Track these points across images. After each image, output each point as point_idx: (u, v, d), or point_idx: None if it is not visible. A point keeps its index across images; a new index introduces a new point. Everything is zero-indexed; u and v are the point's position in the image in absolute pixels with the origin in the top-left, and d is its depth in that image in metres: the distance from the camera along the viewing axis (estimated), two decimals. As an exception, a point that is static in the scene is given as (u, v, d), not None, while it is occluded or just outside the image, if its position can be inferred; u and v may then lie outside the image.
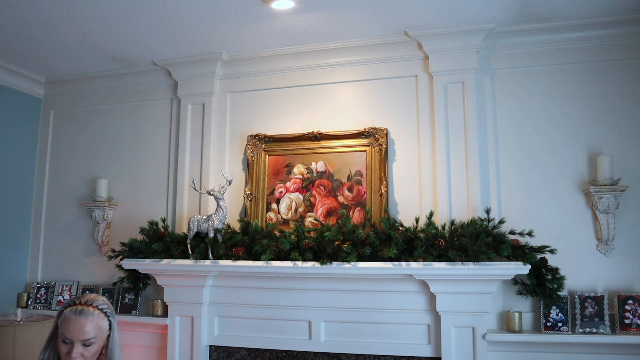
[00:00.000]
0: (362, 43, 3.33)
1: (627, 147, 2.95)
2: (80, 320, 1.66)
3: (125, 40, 3.35)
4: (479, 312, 2.81)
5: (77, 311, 1.67)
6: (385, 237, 2.91)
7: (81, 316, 1.67)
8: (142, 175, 3.80)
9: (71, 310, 1.68)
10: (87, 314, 1.68)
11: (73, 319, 1.66)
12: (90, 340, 1.66)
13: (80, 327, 1.65)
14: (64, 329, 1.66)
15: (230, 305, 3.23)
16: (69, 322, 1.66)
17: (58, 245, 3.94)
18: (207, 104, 3.61)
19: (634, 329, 2.72)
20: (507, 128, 3.13)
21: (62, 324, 1.67)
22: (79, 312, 1.67)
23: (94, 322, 1.68)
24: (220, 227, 3.15)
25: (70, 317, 1.66)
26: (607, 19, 2.97)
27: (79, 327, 1.65)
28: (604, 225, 2.86)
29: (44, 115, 4.15)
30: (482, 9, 2.91)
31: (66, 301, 1.73)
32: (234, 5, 2.88)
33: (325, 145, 3.34)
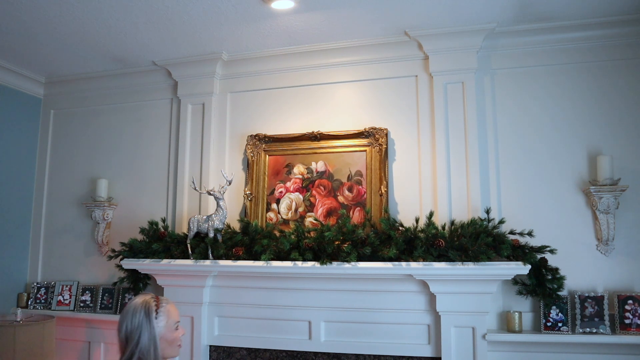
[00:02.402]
0: (362, 43, 3.33)
1: (627, 147, 2.95)
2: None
3: (125, 40, 3.35)
4: (479, 312, 2.81)
5: (167, 300, 1.89)
6: (385, 237, 2.91)
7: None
8: (142, 175, 3.80)
9: (165, 301, 1.87)
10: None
11: (172, 305, 1.90)
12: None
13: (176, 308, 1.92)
14: (173, 316, 1.86)
15: (230, 305, 3.23)
16: (172, 310, 1.87)
17: (58, 245, 3.94)
18: (207, 104, 3.61)
19: (634, 329, 2.72)
20: (507, 128, 3.14)
21: (170, 314, 1.84)
22: (168, 300, 1.91)
23: None
24: (220, 227, 3.15)
25: (171, 305, 1.88)
26: (607, 19, 2.97)
27: (175, 308, 1.91)
28: (604, 225, 2.86)
29: (44, 115, 4.15)
30: (482, 9, 2.91)
31: (145, 302, 1.82)
32: (234, 5, 2.88)
33: (325, 145, 3.34)
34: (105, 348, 3.59)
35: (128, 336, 1.75)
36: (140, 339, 1.74)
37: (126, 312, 1.79)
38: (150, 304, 1.81)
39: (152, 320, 1.78)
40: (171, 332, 1.83)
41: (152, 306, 1.80)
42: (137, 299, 1.83)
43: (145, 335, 1.75)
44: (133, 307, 1.79)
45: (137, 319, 1.76)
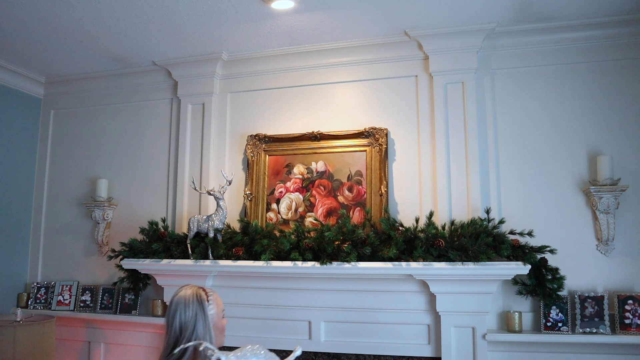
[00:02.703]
0: (362, 43, 3.33)
1: (627, 147, 2.95)
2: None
3: (125, 40, 3.35)
4: (479, 312, 2.81)
5: (212, 290, 1.94)
6: (385, 237, 2.91)
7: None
8: (142, 175, 3.80)
9: (211, 291, 1.91)
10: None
11: (217, 294, 1.97)
12: None
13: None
14: (221, 305, 1.94)
15: (230, 305, 3.22)
16: (219, 299, 1.95)
17: (58, 245, 3.94)
18: (207, 104, 3.61)
19: (634, 329, 2.72)
20: (507, 128, 3.13)
21: (218, 302, 1.90)
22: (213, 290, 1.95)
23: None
24: (220, 227, 3.15)
25: (217, 295, 1.96)
26: (607, 19, 2.97)
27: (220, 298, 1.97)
28: (604, 225, 2.86)
29: (44, 115, 4.15)
30: (482, 9, 2.91)
31: (196, 292, 1.84)
32: (234, 5, 2.88)
33: (325, 145, 3.33)
34: (105, 348, 3.58)
35: (182, 327, 1.75)
36: (196, 328, 1.76)
37: (177, 303, 1.79)
38: (201, 294, 1.83)
39: (206, 309, 1.81)
40: (220, 320, 1.90)
41: (204, 296, 1.83)
42: (185, 290, 1.84)
43: (200, 325, 1.77)
44: (184, 299, 1.80)
45: (192, 310, 1.78)
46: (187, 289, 1.85)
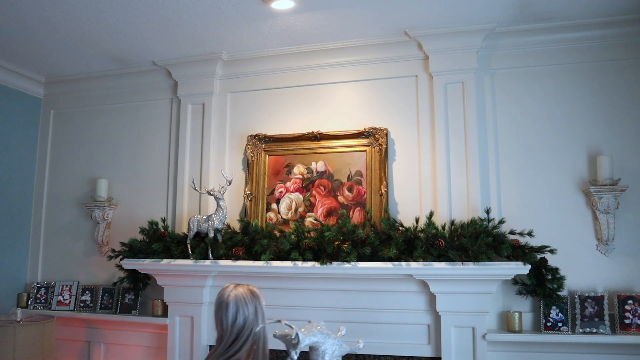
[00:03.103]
0: (362, 43, 3.33)
1: (627, 147, 2.95)
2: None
3: (125, 40, 3.35)
4: (479, 312, 2.81)
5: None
6: (385, 237, 2.91)
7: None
8: (142, 175, 3.80)
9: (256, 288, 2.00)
10: None
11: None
12: None
13: None
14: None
15: (230, 305, 3.22)
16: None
17: (58, 245, 3.94)
18: (207, 104, 3.61)
19: (634, 329, 2.72)
20: (507, 128, 3.13)
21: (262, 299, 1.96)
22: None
23: None
24: (220, 227, 3.15)
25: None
26: (607, 19, 2.97)
27: None
28: (604, 225, 2.86)
29: (44, 115, 4.15)
30: (482, 9, 2.91)
31: (251, 290, 1.94)
32: (234, 5, 2.88)
33: (325, 145, 3.33)
34: (105, 348, 3.59)
35: (246, 321, 1.85)
36: (257, 321, 1.88)
37: (237, 302, 1.87)
38: (255, 290, 1.95)
39: (262, 303, 1.95)
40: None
41: (257, 292, 1.95)
42: (239, 288, 1.92)
43: (259, 317, 1.90)
44: (243, 296, 1.89)
45: (252, 305, 1.89)
46: (237, 288, 1.93)
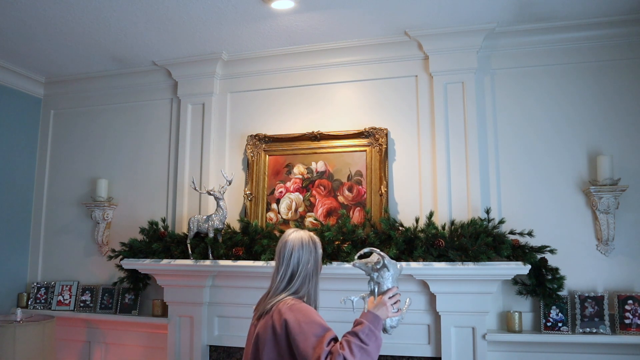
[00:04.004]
0: (362, 43, 3.33)
1: (627, 147, 2.95)
2: None
3: (125, 40, 3.35)
4: (479, 312, 2.81)
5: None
6: (385, 237, 2.91)
7: None
8: (142, 175, 3.80)
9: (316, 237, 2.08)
10: None
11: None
12: None
13: None
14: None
15: (230, 305, 3.23)
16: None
17: (58, 245, 3.94)
18: (207, 104, 3.61)
19: (634, 329, 2.72)
20: (507, 128, 3.14)
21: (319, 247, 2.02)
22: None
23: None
24: (220, 227, 3.15)
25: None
26: (607, 19, 2.97)
27: None
28: (604, 225, 2.86)
29: (44, 115, 4.15)
30: (482, 9, 2.91)
31: (311, 236, 2.00)
32: (234, 5, 2.88)
33: (325, 145, 3.34)
34: (106, 348, 3.59)
35: (300, 263, 1.92)
36: (310, 265, 1.94)
37: (295, 243, 1.94)
38: (315, 238, 2.01)
39: (319, 251, 2.00)
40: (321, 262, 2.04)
41: (317, 240, 2.01)
42: (300, 232, 1.99)
43: (312, 262, 1.95)
44: (301, 240, 1.96)
45: (308, 249, 1.95)
46: (299, 232, 1.99)
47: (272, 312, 1.83)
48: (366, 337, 1.72)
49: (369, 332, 1.74)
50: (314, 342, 1.68)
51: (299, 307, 1.80)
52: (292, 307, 1.80)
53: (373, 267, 1.95)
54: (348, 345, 1.68)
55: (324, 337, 1.70)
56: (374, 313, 1.83)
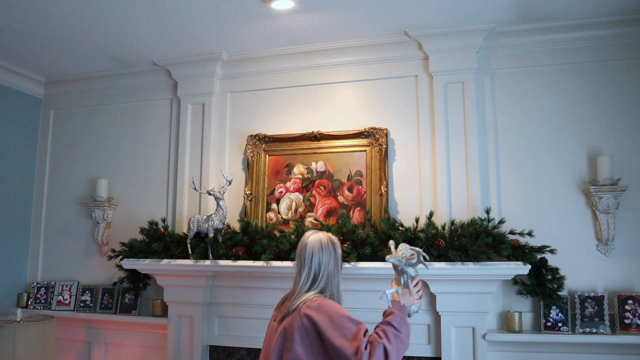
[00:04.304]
0: (362, 43, 3.33)
1: (627, 147, 2.95)
2: None
3: (125, 40, 3.35)
4: (479, 312, 2.81)
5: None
6: (385, 237, 2.91)
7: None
8: (142, 175, 3.80)
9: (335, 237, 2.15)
10: None
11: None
12: None
13: None
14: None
15: (230, 305, 3.23)
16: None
17: (58, 245, 3.94)
18: (207, 104, 3.61)
19: (634, 329, 2.72)
20: (507, 128, 3.14)
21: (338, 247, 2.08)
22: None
23: None
24: (220, 227, 3.15)
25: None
26: (607, 19, 2.97)
27: None
28: (604, 225, 2.86)
29: (44, 115, 4.15)
30: (482, 9, 2.91)
31: (330, 238, 2.07)
32: (234, 5, 2.88)
33: (325, 145, 3.34)
34: (105, 348, 3.59)
35: (321, 265, 1.99)
36: (330, 266, 2.00)
37: (314, 245, 2.01)
38: (334, 239, 2.08)
39: (338, 251, 2.06)
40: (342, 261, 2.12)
41: (337, 241, 2.08)
42: (319, 234, 2.06)
43: (332, 264, 2.01)
44: (320, 241, 2.02)
45: (328, 250, 2.01)
46: (318, 233, 2.06)
47: (299, 310, 1.89)
48: (399, 325, 1.85)
49: (401, 321, 1.87)
50: (349, 335, 1.77)
51: (326, 304, 1.88)
52: (320, 305, 1.86)
53: (408, 262, 2.04)
54: (384, 334, 1.81)
55: (358, 330, 1.79)
56: (401, 303, 1.96)
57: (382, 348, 1.76)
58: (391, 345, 1.77)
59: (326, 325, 1.81)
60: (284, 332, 1.89)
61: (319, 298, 1.91)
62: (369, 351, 1.74)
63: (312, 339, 1.84)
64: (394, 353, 1.77)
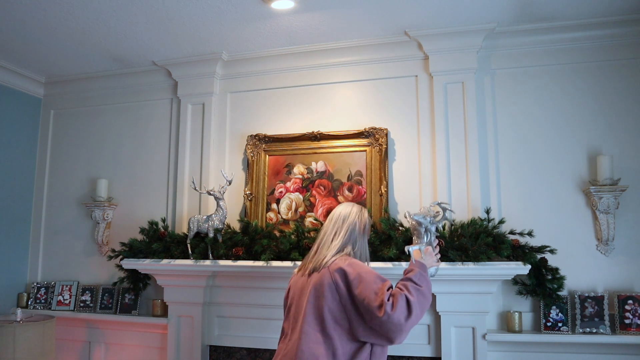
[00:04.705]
0: (362, 43, 3.33)
1: (627, 147, 2.95)
2: None
3: (125, 40, 3.35)
4: (479, 312, 2.81)
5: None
6: (385, 237, 2.91)
7: None
8: (142, 175, 3.80)
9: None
10: None
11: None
12: None
13: None
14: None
15: (230, 305, 3.23)
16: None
17: (58, 245, 3.94)
18: (207, 104, 3.61)
19: (634, 329, 2.72)
20: (507, 128, 3.14)
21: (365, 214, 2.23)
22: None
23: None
24: (220, 227, 3.15)
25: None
26: (607, 19, 2.97)
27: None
28: (604, 225, 2.86)
29: (44, 115, 4.15)
30: (482, 9, 2.91)
31: (362, 210, 2.21)
32: (234, 5, 2.88)
33: (325, 145, 3.34)
34: (106, 348, 3.59)
35: (345, 223, 2.13)
36: (357, 235, 2.14)
37: (342, 209, 2.18)
38: (364, 210, 2.22)
39: (366, 215, 2.21)
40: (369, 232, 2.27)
41: (366, 213, 2.23)
42: (349, 203, 2.23)
43: (359, 226, 2.15)
44: (351, 208, 2.18)
45: (359, 219, 2.16)
46: (350, 204, 2.22)
47: (329, 267, 1.98)
48: (419, 280, 1.96)
49: (420, 277, 1.98)
50: (375, 288, 1.87)
51: (356, 262, 2.01)
52: (351, 262, 1.98)
53: (432, 220, 2.14)
54: (405, 287, 1.92)
55: (384, 284, 1.90)
56: (420, 262, 2.07)
57: (405, 299, 1.85)
58: (413, 297, 1.86)
59: (355, 279, 1.91)
60: (314, 290, 1.97)
61: (348, 258, 2.02)
62: (392, 302, 1.83)
63: (342, 294, 1.92)
64: (417, 305, 1.86)
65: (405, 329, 1.83)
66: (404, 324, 1.82)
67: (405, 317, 1.82)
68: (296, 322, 1.99)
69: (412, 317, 1.83)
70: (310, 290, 1.97)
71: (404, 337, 1.87)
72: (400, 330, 1.83)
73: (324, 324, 1.90)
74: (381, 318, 1.81)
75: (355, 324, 1.90)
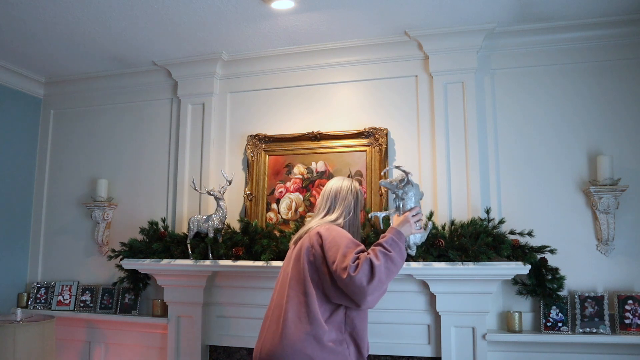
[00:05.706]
0: (362, 43, 3.33)
1: (627, 147, 2.95)
2: None
3: (125, 40, 3.35)
4: (479, 312, 2.81)
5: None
6: (385, 236, 2.91)
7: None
8: (142, 175, 3.80)
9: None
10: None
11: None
12: None
13: None
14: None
15: (230, 305, 3.23)
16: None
17: (58, 245, 3.94)
18: (207, 104, 3.61)
19: (634, 329, 2.72)
20: (507, 128, 3.14)
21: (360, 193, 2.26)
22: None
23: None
24: (220, 227, 3.15)
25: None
26: (607, 19, 2.97)
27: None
28: (604, 225, 2.86)
29: (44, 115, 4.15)
30: (482, 9, 2.91)
31: (354, 184, 2.24)
32: (234, 5, 2.89)
33: (325, 145, 3.34)
34: (106, 348, 3.59)
35: (337, 196, 2.18)
36: (346, 201, 2.18)
37: (334, 183, 2.23)
38: (357, 185, 2.25)
39: (358, 187, 2.25)
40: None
41: (359, 188, 2.26)
42: (341, 178, 2.25)
43: (350, 199, 2.19)
44: (342, 182, 2.22)
45: (349, 192, 2.20)
46: (340, 177, 2.26)
47: (309, 233, 2.04)
48: (389, 246, 1.94)
49: (392, 243, 1.96)
50: (345, 251, 1.89)
51: (335, 228, 2.02)
52: (329, 227, 2.02)
53: (397, 185, 2.16)
54: (373, 251, 1.91)
55: (355, 248, 1.91)
56: (396, 228, 2.05)
57: (369, 262, 1.84)
58: (379, 261, 1.85)
59: (329, 242, 1.94)
60: (296, 254, 2.03)
61: (330, 225, 2.05)
62: (356, 265, 1.84)
63: (317, 255, 1.96)
64: (382, 269, 1.84)
65: (368, 292, 1.81)
66: (365, 287, 1.80)
67: (367, 280, 1.81)
68: (283, 287, 2.04)
69: (374, 281, 1.81)
70: (294, 255, 2.05)
71: (371, 302, 1.85)
72: (362, 293, 1.81)
73: (305, 286, 1.95)
74: (344, 280, 1.82)
75: (326, 286, 1.93)
